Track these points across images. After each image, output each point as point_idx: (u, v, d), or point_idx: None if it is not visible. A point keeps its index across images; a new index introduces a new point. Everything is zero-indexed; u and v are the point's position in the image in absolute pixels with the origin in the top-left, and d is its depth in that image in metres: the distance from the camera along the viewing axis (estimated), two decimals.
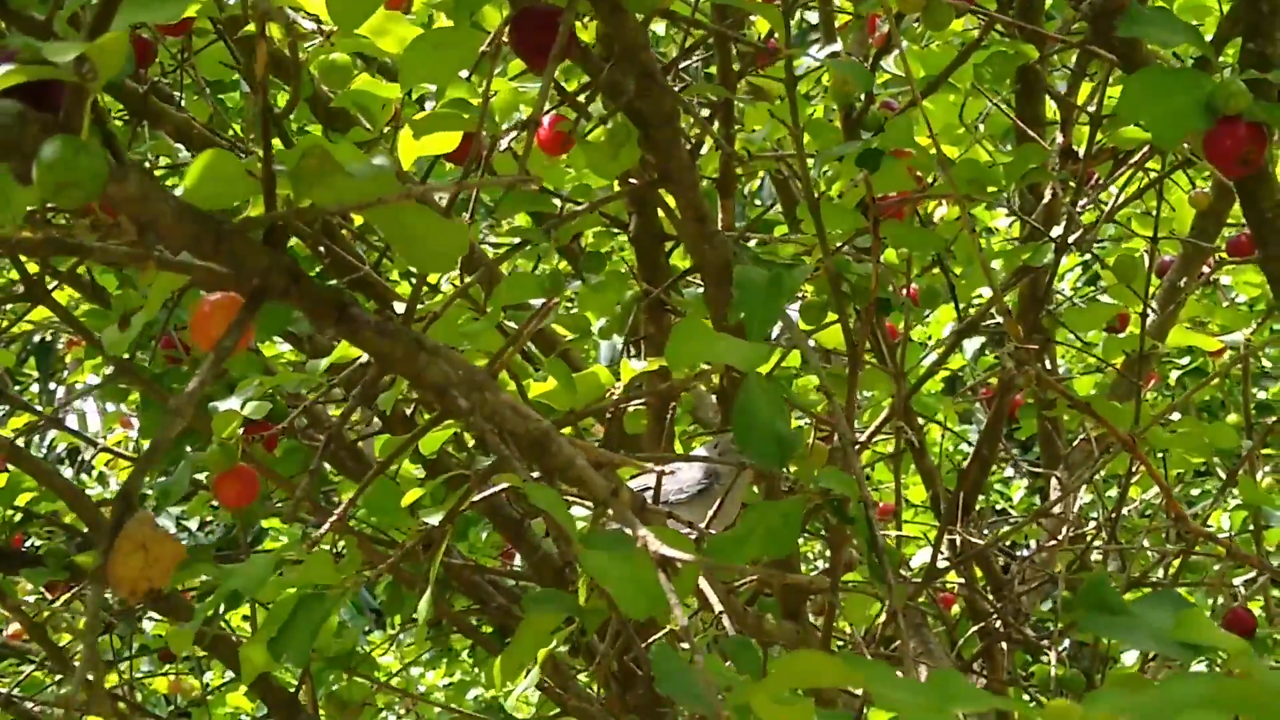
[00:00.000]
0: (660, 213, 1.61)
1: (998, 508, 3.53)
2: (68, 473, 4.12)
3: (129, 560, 0.68)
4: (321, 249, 1.81)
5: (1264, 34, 1.24)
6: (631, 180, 1.44)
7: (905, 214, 1.58)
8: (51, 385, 5.43)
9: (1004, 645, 1.94)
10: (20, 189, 0.65)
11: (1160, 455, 2.08)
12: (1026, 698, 1.95)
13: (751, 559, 1.02)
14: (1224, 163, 1.08)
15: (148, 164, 1.90)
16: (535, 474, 1.04)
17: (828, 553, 2.37)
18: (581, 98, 1.17)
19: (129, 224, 0.73)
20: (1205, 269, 2.18)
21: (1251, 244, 1.96)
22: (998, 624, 1.87)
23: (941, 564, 1.85)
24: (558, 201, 1.71)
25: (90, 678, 0.76)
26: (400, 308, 1.40)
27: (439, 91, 1.62)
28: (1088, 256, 2.62)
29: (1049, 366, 2.16)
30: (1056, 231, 1.66)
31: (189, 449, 1.90)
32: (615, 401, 1.22)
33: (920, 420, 2.11)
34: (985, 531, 2.25)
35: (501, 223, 2.28)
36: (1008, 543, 2.08)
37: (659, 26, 2.22)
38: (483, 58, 1.18)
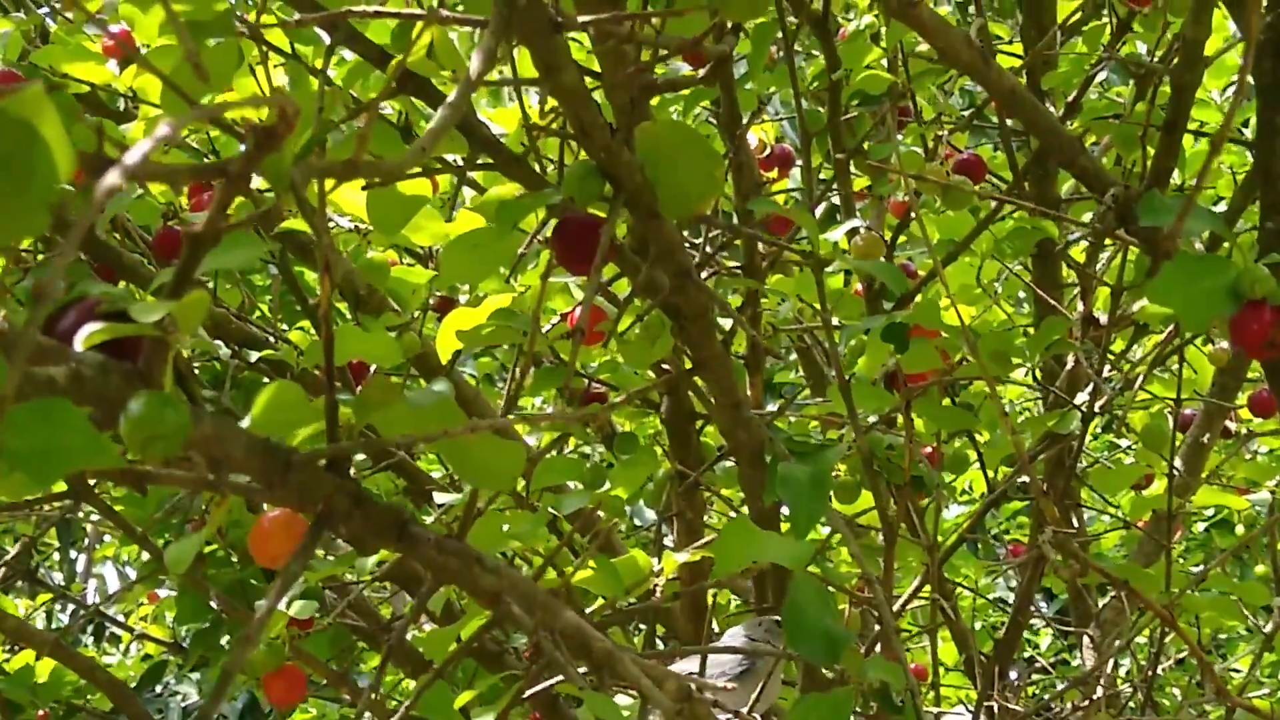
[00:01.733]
0: (691, 393, 1.64)
1: (1026, 656, 3.51)
2: (89, 641, 4.12)
3: None
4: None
5: None
6: (665, 366, 1.46)
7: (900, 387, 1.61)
8: (72, 554, 5.43)
9: None
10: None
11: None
12: None
13: None
14: (1251, 346, 1.10)
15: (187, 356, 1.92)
16: (583, 668, 1.05)
17: None
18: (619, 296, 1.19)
19: (199, 457, 0.75)
20: (1228, 423, 2.20)
21: (1273, 401, 1.98)
22: None
23: None
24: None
25: None
26: (441, 497, 1.42)
27: (473, 285, 1.65)
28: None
29: (1075, 525, 2.16)
30: (1080, 398, 1.68)
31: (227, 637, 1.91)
32: (660, 601, 1.24)
33: (949, 581, 2.12)
34: (1014, 677, 2.25)
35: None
36: (1047, 706, 2.07)
37: None
38: (520, 258, 1.21)
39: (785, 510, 1.60)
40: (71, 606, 3.95)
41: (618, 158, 0.99)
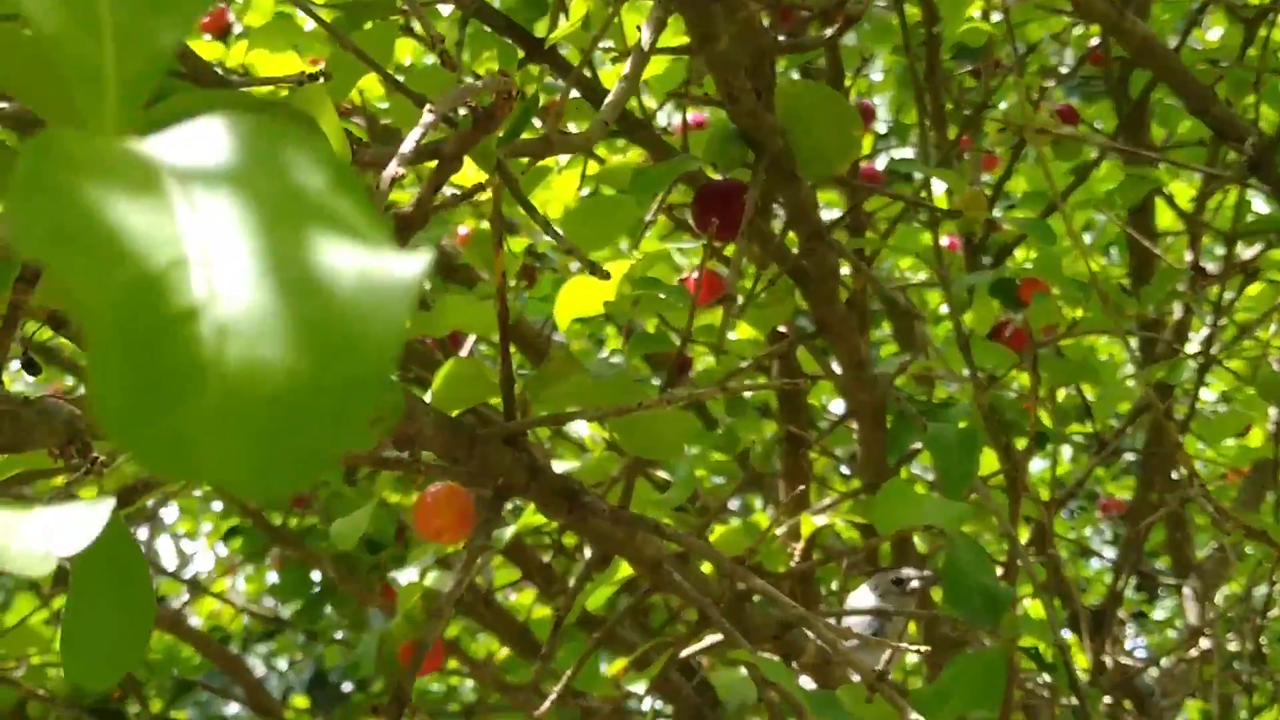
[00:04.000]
0: (801, 353, 1.63)
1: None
2: None
3: None
4: None
5: None
6: (781, 330, 1.45)
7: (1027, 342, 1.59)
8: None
9: None
10: None
11: None
12: None
13: (956, 715, 1.03)
14: None
15: None
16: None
17: None
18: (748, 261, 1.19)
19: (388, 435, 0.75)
20: None
21: None
22: None
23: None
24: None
25: None
26: (559, 465, 1.42)
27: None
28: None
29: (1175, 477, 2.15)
30: (1192, 348, 1.66)
31: (329, 609, 1.93)
32: (803, 567, 1.23)
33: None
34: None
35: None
36: (1156, 661, 2.06)
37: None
38: (646, 226, 1.20)
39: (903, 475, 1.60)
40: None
41: (761, 121, 0.98)
